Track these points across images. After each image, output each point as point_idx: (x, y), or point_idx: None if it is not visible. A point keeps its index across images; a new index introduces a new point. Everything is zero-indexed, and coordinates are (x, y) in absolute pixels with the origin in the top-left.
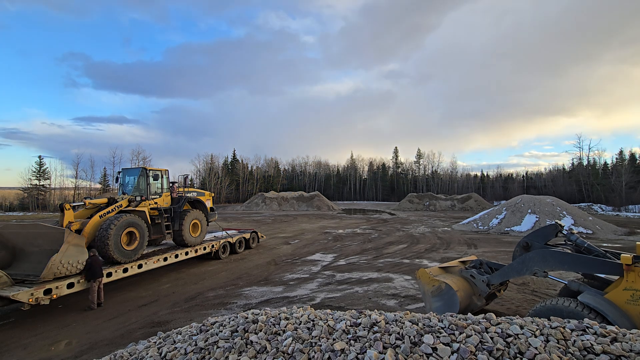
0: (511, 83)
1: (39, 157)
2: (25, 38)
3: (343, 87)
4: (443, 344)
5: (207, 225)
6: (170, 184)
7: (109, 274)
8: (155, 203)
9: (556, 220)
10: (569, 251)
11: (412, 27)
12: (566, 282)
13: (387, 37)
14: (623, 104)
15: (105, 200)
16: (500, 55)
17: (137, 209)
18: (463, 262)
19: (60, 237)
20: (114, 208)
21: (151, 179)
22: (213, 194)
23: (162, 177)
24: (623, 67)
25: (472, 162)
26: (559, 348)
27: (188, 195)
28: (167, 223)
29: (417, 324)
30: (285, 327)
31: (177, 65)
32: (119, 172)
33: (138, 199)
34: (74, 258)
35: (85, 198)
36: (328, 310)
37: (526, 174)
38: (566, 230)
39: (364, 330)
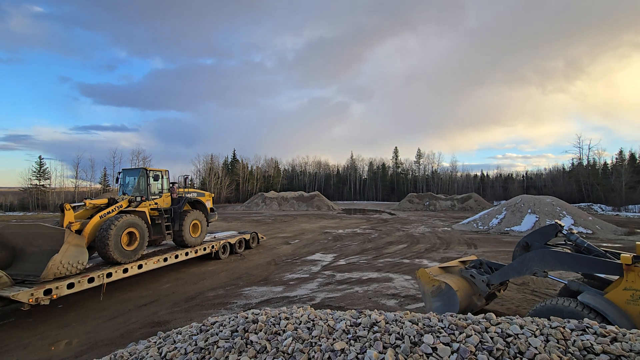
0: (432, 101)
1: (39, 157)
2: (32, 68)
3: (306, 100)
4: (443, 343)
5: (207, 225)
6: (171, 185)
7: (109, 274)
8: (156, 203)
9: (556, 220)
10: (569, 251)
11: (350, 58)
12: (566, 282)
13: (332, 66)
14: (532, 116)
15: (105, 200)
16: (417, 79)
17: (137, 209)
18: (463, 262)
19: (60, 237)
20: (114, 208)
21: (151, 180)
22: (213, 195)
23: (162, 177)
24: (522, 88)
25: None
26: (559, 348)
27: (188, 195)
28: (167, 223)
29: (417, 324)
30: (285, 327)
31: (159, 86)
32: (119, 173)
33: (138, 199)
34: (74, 258)
35: (85, 198)
36: (328, 310)
37: (526, 173)
38: (566, 230)
39: (364, 330)
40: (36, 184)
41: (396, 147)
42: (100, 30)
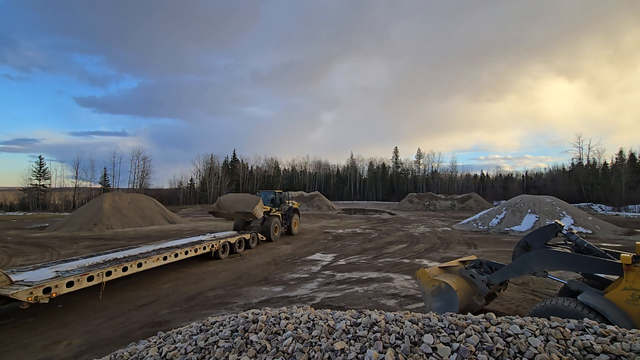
0: (388, 112)
1: (39, 157)
2: (36, 85)
3: (282, 107)
4: (443, 343)
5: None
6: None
7: (109, 273)
8: (278, 210)
9: (556, 220)
10: (569, 251)
11: (315, 74)
12: (566, 282)
13: (301, 82)
14: (477, 124)
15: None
16: (371, 93)
17: (276, 214)
18: (463, 261)
19: (257, 199)
20: (269, 211)
21: (277, 197)
22: (298, 204)
23: (280, 195)
24: (459, 98)
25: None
26: (559, 348)
27: (291, 205)
28: (284, 221)
29: (417, 324)
30: (285, 326)
31: (148, 97)
32: (258, 191)
33: (275, 208)
34: (262, 209)
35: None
36: (328, 310)
37: (526, 173)
38: (566, 229)
39: (364, 330)
40: (36, 184)
41: (396, 147)
42: (95, 53)
